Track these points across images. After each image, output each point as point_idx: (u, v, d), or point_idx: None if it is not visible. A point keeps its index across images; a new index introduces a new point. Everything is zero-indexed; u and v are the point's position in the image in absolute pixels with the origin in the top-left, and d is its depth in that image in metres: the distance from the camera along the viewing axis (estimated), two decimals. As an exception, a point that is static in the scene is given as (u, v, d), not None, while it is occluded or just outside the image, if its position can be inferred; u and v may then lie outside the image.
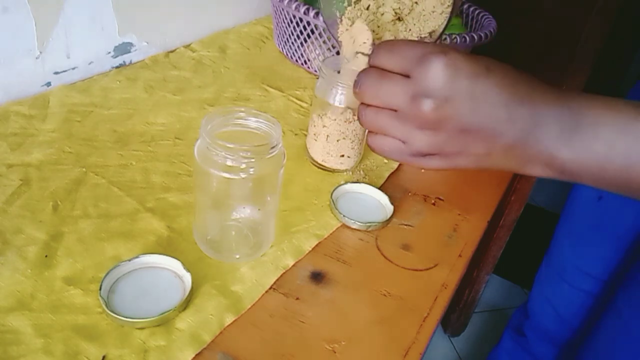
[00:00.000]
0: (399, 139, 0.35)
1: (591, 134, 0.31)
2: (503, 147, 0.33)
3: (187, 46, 0.81)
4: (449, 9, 0.48)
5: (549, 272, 0.87)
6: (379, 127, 0.36)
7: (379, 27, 0.50)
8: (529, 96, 0.32)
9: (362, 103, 0.37)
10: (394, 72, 0.34)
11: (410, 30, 0.50)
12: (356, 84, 0.36)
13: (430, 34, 0.50)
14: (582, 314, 0.80)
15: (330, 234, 0.49)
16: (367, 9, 0.50)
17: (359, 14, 0.49)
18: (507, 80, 0.33)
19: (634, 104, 0.32)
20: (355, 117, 0.53)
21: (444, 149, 0.35)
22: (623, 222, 0.71)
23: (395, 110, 0.35)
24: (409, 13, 0.50)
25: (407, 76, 0.34)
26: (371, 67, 0.36)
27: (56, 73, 0.65)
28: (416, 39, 0.50)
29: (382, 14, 0.50)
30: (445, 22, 0.48)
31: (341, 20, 0.51)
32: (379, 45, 0.36)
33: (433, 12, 0.49)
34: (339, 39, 0.51)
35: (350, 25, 0.49)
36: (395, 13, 0.50)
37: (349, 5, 0.50)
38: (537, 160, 0.33)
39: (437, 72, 0.32)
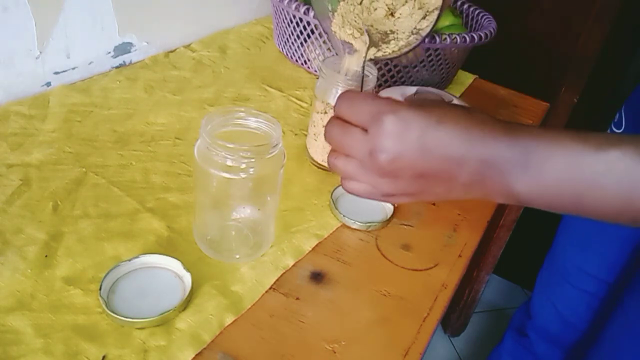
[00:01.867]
0: (367, 184, 0.39)
1: (541, 169, 0.34)
2: (461, 186, 0.37)
3: (187, 46, 0.81)
4: (440, 4, 0.48)
5: (551, 273, 0.87)
6: (348, 174, 0.40)
7: (371, 25, 0.50)
8: (480, 140, 0.35)
9: (331, 151, 0.41)
10: (354, 125, 0.38)
11: (402, 23, 0.50)
12: (325, 133, 0.40)
13: (419, 30, 0.50)
14: (585, 315, 0.80)
15: (330, 234, 0.49)
16: (360, 3, 0.50)
17: (351, 9, 0.49)
18: (459, 128, 0.35)
19: (581, 136, 0.34)
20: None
21: (407, 191, 0.38)
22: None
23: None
24: (401, 7, 0.50)
25: (365, 130, 0.37)
26: (335, 117, 0.40)
27: (56, 73, 0.65)
28: (408, 34, 0.50)
29: (375, 9, 0.50)
30: (436, 18, 0.48)
31: (333, 15, 0.51)
32: (341, 96, 0.39)
33: (424, 6, 0.49)
34: (332, 30, 0.51)
35: (342, 22, 0.49)
36: (389, 8, 0.50)
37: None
38: (496, 193, 0.37)
39: (389, 130, 0.36)
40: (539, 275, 0.91)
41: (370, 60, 0.52)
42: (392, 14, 0.50)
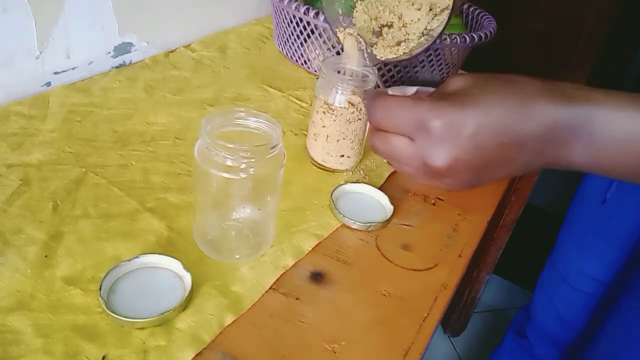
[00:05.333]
0: (422, 180, 0.38)
1: (602, 137, 0.32)
2: (521, 165, 0.35)
3: (187, 46, 0.81)
4: (449, 3, 0.48)
5: (552, 274, 0.87)
6: (405, 172, 0.39)
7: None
8: (536, 115, 0.33)
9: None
10: (396, 134, 0.36)
11: (412, 27, 0.50)
12: (370, 146, 0.40)
13: (430, 31, 0.49)
14: (584, 316, 0.80)
15: (330, 234, 0.49)
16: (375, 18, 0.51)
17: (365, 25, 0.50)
18: (510, 109, 0.33)
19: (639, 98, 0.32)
20: (355, 117, 0.53)
21: (465, 185, 0.37)
22: (626, 225, 0.71)
23: None
24: (410, 13, 0.50)
25: (410, 137, 0.36)
26: (375, 128, 0.38)
27: (56, 73, 0.65)
28: (419, 35, 0.50)
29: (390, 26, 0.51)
30: (447, 18, 0.48)
31: (344, 18, 0.51)
32: (373, 105, 0.37)
33: (434, 7, 0.49)
34: (339, 37, 0.51)
35: (353, 30, 0.49)
36: (399, 19, 0.51)
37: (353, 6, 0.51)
38: (556, 164, 0.35)
39: (438, 137, 0.34)
40: (539, 277, 0.91)
41: (381, 62, 0.52)
42: (403, 26, 0.50)
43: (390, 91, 0.69)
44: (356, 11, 0.51)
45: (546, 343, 0.88)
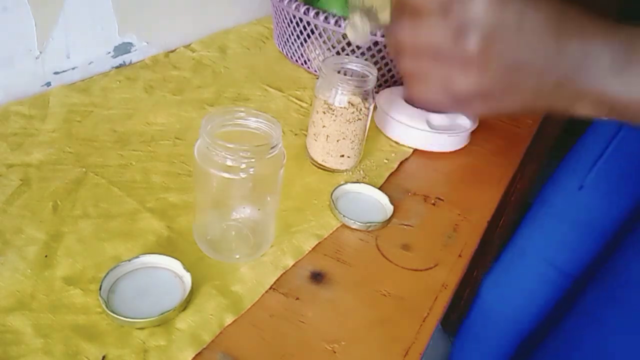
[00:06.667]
0: (441, 84, 0.33)
1: None
2: (553, 83, 0.32)
3: (187, 46, 0.81)
4: None
5: (508, 259, 0.83)
6: (418, 73, 0.34)
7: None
8: (579, 30, 0.31)
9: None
10: (427, 13, 0.32)
11: None
12: (390, 36, 0.34)
13: None
14: (544, 306, 0.77)
15: (330, 234, 0.49)
16: None
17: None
18: (556, 13, 0.31)
19: None
20: (355, 117, 0.53)
21: (491, 89, 0.32)
22: (602, 215, 0.68)
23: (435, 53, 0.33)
24: None
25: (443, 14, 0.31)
26: (399, 11, 0.34)
27: (56, 73, 0.65)
28: None
29: None
30: None
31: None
32: None
33: None
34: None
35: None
36: None
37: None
38: (588, 97, 0.32)
39: (481, 8, 0.30)
40: (497, 259, 0.86)
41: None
42: None
43: (389, 92, 0.69)
44: None
45: (503, 334, 0.85)
